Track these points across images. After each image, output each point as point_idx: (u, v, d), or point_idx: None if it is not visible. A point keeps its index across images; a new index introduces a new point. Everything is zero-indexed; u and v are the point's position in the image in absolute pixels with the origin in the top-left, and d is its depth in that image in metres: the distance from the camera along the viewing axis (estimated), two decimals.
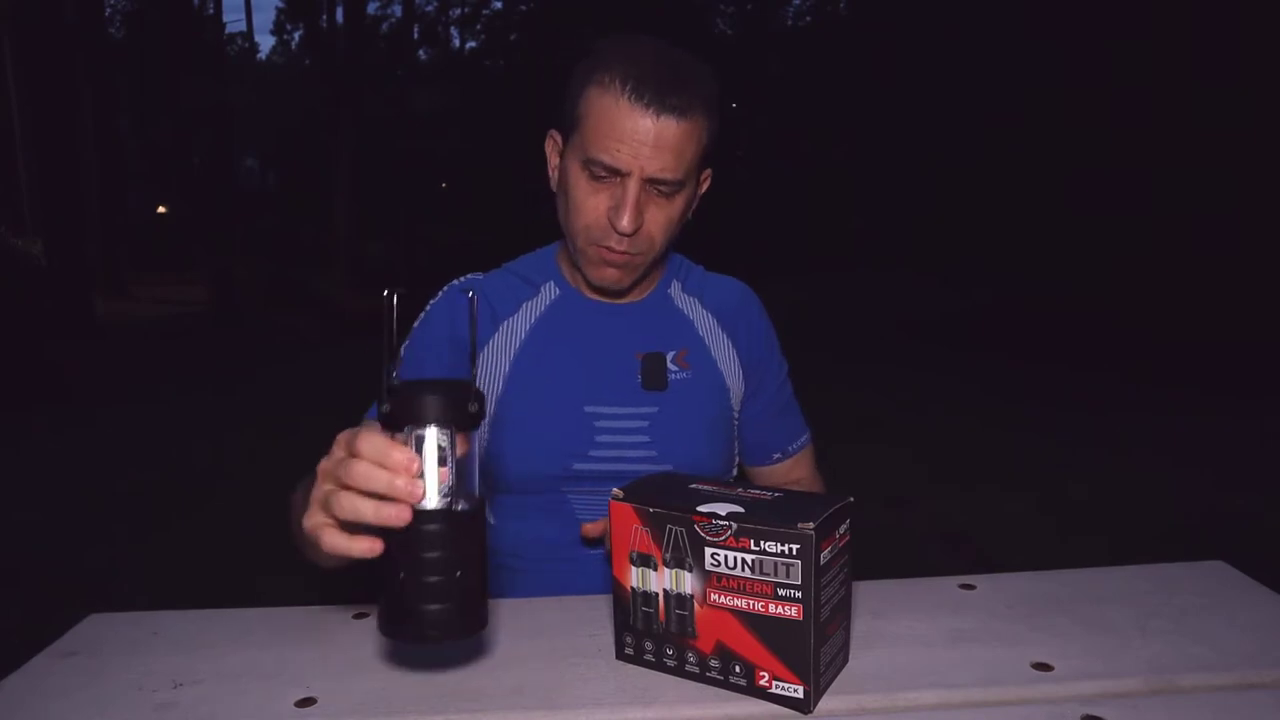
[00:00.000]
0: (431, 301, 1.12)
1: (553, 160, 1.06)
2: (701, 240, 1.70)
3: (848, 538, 0.72)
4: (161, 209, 19.31)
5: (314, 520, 0.67)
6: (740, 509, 0.69)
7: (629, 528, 0.74)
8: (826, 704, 0.72)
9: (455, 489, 0.62)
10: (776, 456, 1.17)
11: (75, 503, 3.97)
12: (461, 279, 1.14)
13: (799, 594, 0.67)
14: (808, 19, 21.12)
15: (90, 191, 11.55)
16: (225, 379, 7.18)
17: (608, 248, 1.00)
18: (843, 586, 0.73)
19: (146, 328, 10.64)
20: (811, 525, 0.65)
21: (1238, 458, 4.15)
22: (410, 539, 0.60)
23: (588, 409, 1.06)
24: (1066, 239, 9.65)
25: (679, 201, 1.00)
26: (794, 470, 1.19)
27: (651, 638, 0.75)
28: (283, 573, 2.06)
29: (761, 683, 0.70)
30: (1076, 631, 0.82)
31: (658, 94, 0.92)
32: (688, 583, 0.71)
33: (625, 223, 0.96)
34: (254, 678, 0.77)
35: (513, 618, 0.88)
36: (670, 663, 0.74)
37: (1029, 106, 10.33)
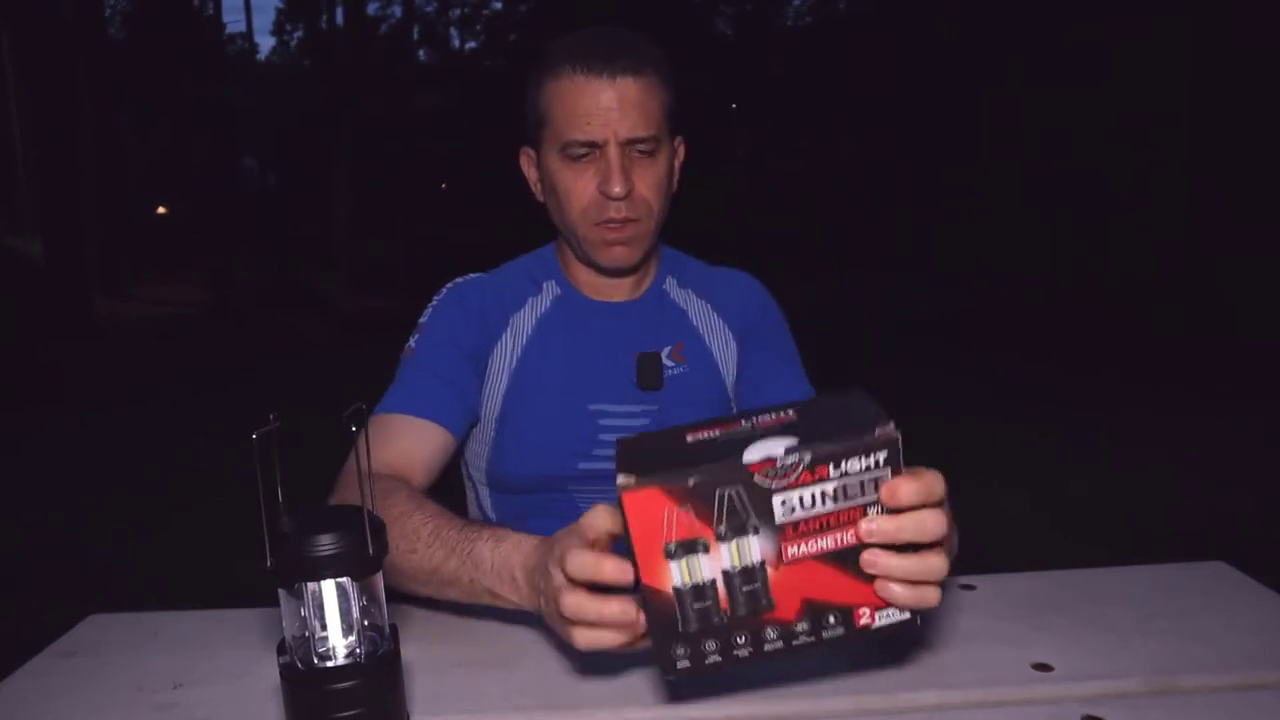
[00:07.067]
0: (437, 298, 1.12)
1: (531, 175, 1.09)
2: (702, 241, 1.70)
3: None
4: (161, 209, 19.29)
5: (551, 616, 0.70)
6: (791, 439, 0.58)
7: (657, 517, 0.58)
8: (826, 704, 0.72)
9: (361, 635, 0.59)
10: None
11: (75, 503, 3.97)
12: (463, 278, 1.15)
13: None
14: (808, 19, 21.13)
15: (90, 191, 11.53)
16: (225, 379, 7.17)
17: (608, 223, 1.00)
18: None
19: (146, 328, 10.62)
20: (891, 425, 0.57)
21: (1238, 458, 4.14)
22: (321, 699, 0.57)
23: (591, 407, 1.06)
24: (1066, 238, 9.65)
25: (661, 161, 1.01)
26: None
27: (713, 635, 0.61)
28: None
29: (863, 622, 0.61)
30: (1076, 631, 0.82)
31: (607, 61, 0.96)
32: (755, 549, 0.59)
33: (617, 187, 0.97)
34: (253, 678, 0.77)
35: (513, 618, 0.87)
36: (743, 652, 0.62)
37: (1029, 106, 10.33)
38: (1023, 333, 7.89)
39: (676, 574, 0.60)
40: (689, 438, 0.62)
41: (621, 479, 0.58)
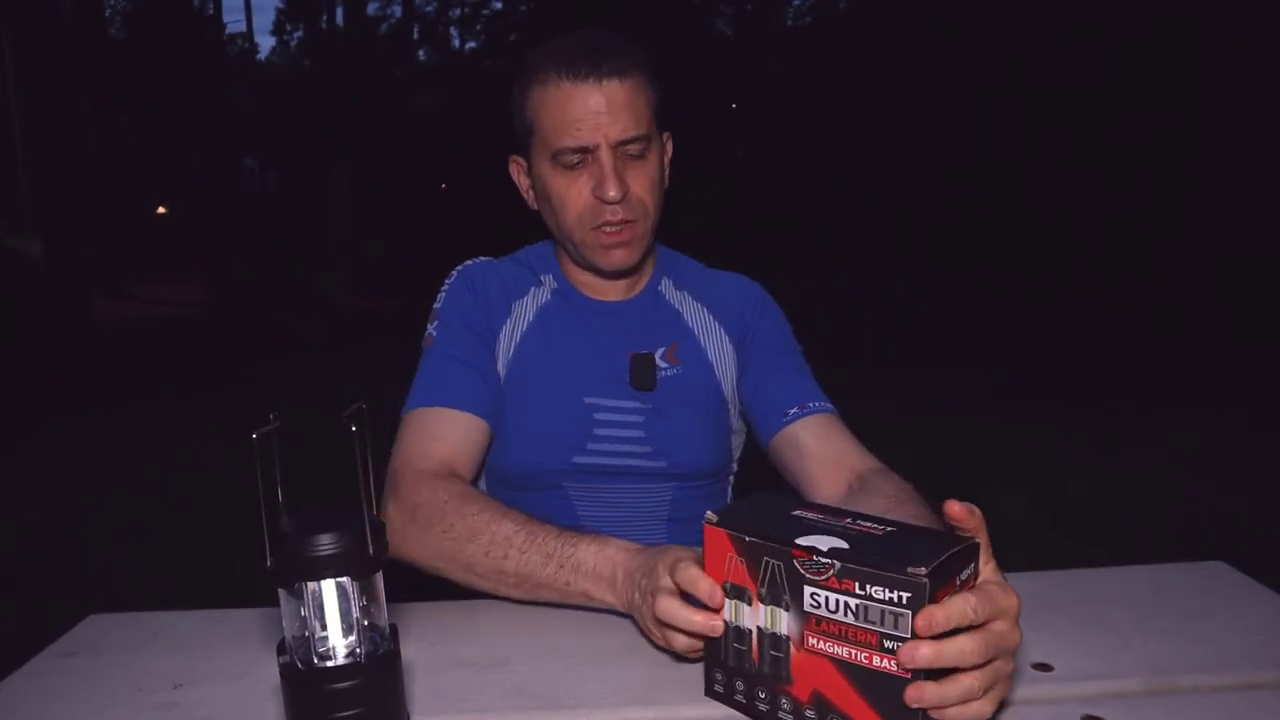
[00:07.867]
0: (448, 281, 1.13)
1: (523, 182, 1.09)
2: (702, 241, 1.70)
3: (972, 584, 0.63)
4: (161, 209, 19.29)
5: (641, 612, 0.77)
6: (845, 544, 0.61)
7: (723, 555, 0.66)
8: None
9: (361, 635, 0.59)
10: (793, 412, 1.05)
11: (75, 503, 3.97)
12: (472, 261, 1.15)
13: None
14: (808, 19, 21.13)
15: (90, 191, 11.53)
16: (225, 379, 7.17)
17: (604, 227, 1.00)
18: None
19: (146, 328, 10.62)
20: (924, 570, 0.56)
21: (1238, 458, 4.14)
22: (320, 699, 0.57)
23: (587, 400, 1.07)
24: (1066, 238, 9.65)
25: (653, 160, 1.02)
26: (829, 439, 1.04)
27: (743, 677, 0.68)
28: None
29: None
30: (1076, 631, 0.82)
31: (593, 65, 0.96)
32: (784, 623, 0.64)
33: (612, 191, 0.97)
34: (253, 678, 0.77)
35: (513, 616, 0.88)
36: (763, 707, 0.67)
37: (1029, 106, 10.32)
38: (1023, 333, 7.88)
39: (729, 610, 0.67)
40: (795, 511, 0.68)
41: (709, 513, 0.68)
